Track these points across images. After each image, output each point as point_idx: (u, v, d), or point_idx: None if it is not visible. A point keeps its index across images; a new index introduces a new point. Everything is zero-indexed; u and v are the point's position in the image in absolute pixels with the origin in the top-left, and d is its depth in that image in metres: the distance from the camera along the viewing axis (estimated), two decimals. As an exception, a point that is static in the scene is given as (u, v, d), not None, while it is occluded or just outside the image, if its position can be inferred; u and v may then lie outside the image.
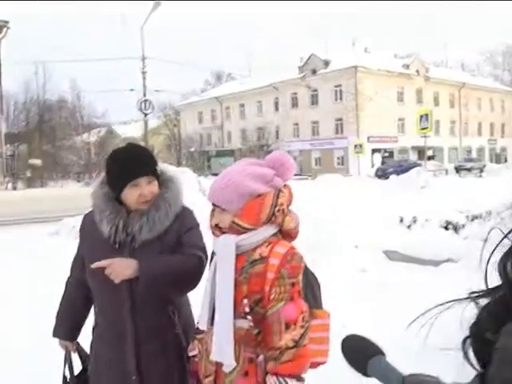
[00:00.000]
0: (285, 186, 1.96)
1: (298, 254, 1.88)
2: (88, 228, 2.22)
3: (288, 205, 1.95)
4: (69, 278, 2.36)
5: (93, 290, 2.20)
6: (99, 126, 50.85)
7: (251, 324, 1.86)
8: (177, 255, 2.07)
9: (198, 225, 2.22)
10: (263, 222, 1.88)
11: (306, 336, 1.82)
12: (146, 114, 24.63)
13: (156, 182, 2.15)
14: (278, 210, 1.90)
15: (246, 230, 1.87)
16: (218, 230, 1.94)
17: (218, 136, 61.26)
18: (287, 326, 1.81)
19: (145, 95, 25.28)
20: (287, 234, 1.95)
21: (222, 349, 1.84)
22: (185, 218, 2.19)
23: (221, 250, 1.89)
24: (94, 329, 2.26)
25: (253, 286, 1.85)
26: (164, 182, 2.19)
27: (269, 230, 1.90)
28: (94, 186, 2.20)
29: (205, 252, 2.12)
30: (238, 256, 1.86)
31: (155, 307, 2.10)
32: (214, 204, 1.93)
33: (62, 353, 2.38)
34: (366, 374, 1.20)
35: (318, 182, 22.35)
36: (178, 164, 47.60)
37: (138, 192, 2.09)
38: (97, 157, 44.24)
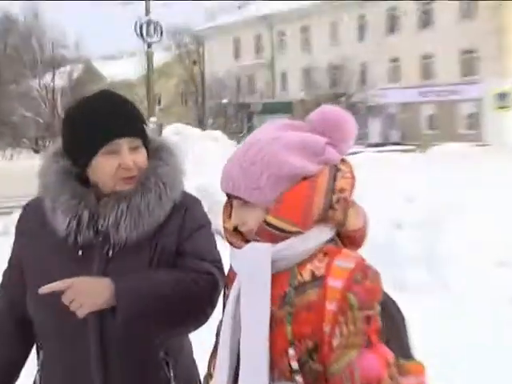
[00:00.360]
0: (342, 161, 1.99)
1: (372, 270, 1.87)
2: (32, 224, 2.28)
3: (351, 192, 1.97)
4: None
5: (38, 324, 2.24)
6: (71, 63, 51.74)
7: None
8: (174, 272, 2.15)
9: (208, 223, 2.33)
10: (314, 220, 1.88)
11: None
12: (149, 45, 24.83)
13: (144, 151, 2.20)
14: (338, 201, 1.91)
15: (286, 235, 1.88)
16: (236, 236, 1.99)
17: (267, 79, 61.44)
18: None
19: (148, 13, 25.11)
20: (349, 239, 2.00)
21: None
22: (188, 211, 2.27)
23: (247, 269, 1.91)
24: None
25: (302, 327, 1.85)
26: (156, 152, 2.26)
27: (323, 234, 1.92)
28: (44, 160, 2.26)
29: (219, 267, 2.23)
30: (274, 277, 1.88)
31: (138, 354, 2.15)
32: (229, 195, 1.97)
33: None
34: None
35: (432, 157, 22.96)
36: (201, 124, 46.69)
37: (117, 162, 2.11)
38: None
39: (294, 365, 1.87)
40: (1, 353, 2.35)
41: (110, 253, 2.14)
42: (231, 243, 2.00)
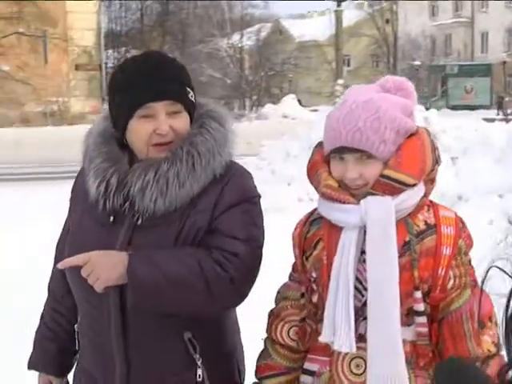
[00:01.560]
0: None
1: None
2: (78, 189, 2.32)
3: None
4: (53, 273, 2.45)
5: (71, 287, 2.28)
6: (260, 22, 52.35)
7: (421, 331, 2.06)
8: (198, 252, 2.10)
9: (253, 197, 2.25)
10: (427, 173, 2.10)
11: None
12: (339, 2, 25.27)
13: (186, 116, 2.17)
14: (439, 156, 2.14)
15: (402, 188, 2.04)
16: (341, 191, 2.08)
17: (464, 40, 59.48)
18: (482, 324, 2.01)
19: None
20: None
21: (386, 376, 1.99)
22: (229, 184, 2.19)
23: (376, 219, 2.03)
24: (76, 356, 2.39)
25: (423, 271, 2.04)
26: (199, 118, 2.22)
27: (422, 188, 2.11)
28: (93, 123, 2.33)
29: (254, 245, 2.16)
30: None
31: (159, 328, 2.13)
32: (343, 149, 2.07)
33: None
34: None
35: None
36: None
37: (152, 126, 2.10)
38: (254, 72, 44.60)
39: (420, 307, 2.04)
40: (66, 315, 2.40)
41: (139, 221, 2.13)
42: (334, 199, 2.07)
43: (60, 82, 30.63)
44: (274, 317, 2.33)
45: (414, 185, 2.05)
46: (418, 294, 2.03)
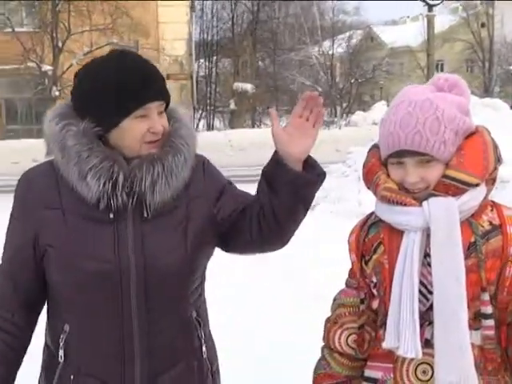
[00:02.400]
0: None
1: None
2: (43, 195, 2.23)
3: None
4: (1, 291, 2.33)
5: (64, 294, 2.23)
6: (351, 29, 51.91)
7: (489, 334, 2.03)
8: None
9: (227, 179, 2.44)
10: (489, 172, 2.07)
11: None
12: (431, 7, 24.33)
13: (165, 114, 2.26)
14: (500, 155, 2.11)
15: (464, 188, 2.02)
16: (403, 194, 2.07)
17: None
18: None
19: None
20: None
21: (458, 379, 1.96)
22: (208, 169, 2.39)
23: (441, 220, 2.01)
24: (59, 370, 2.26)
25: (490, 273, 2.02)
26: (171, 113, 2.31)
27: (484, 187, 2.09)
28: (47, 126, 2.23)
29: None
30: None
31: (176, 312, 2.25)
32: (402, 153, 2.06)
33: None
34: None
35: None
36: (486, 92, 44.17)
37: (146, 125, 2.17)
38: (345, 80, 44.43)
39: (488, 309, 2.01)
40: (12, 331, 2.28)
41: (147, 214, 2.18)
42: (395, 201, 2.06)
43: (152, 91, 31.24)
44: (331, 324, 2.34)
45: (477, 185, 2.03)
46: (486, 297, 2.01)
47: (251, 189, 2.37)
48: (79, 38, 28.21)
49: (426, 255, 2.05)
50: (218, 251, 2.43)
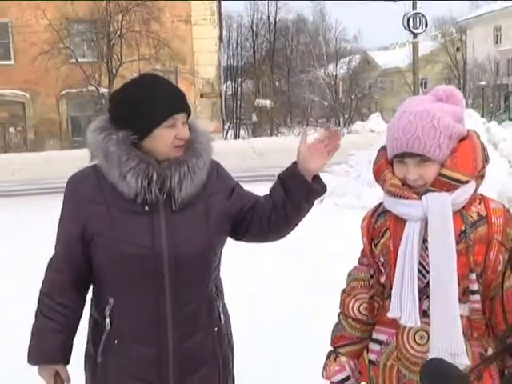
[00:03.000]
0: None
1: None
2: (89, 192, 2.23)
3: None
4: (54, 271, 2.32)
5: (112, 276, 2.23)
6: (351, 54, 51.54)
7: (476, 307, 2.04)
8: None
9: (235, 181, 2.42)
10: (478, 170, 2.06)
11: None
12: (415, 35, 24.87)
13: (187, 125, 2.27)
14: (487, 155, 2.10)
15: (457, 185, 2.02)
16: (405, 189, 2.07)
17: None
18: None
19: (415, 7, 25.06)
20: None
21: (446, 346, 1.97)
22: (220, 172, 2.37)
23: (436, 212, 2.01)
24: (105, 336, 2.26)
25: (477, 256, 2.02)
26: (191, 124, 2.30)
27: (474, 184, 2.07)
28: (91, 136, 2.24)
29: None
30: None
31: (200, 288, 2.25)
32: (404, 154, 2.05)
33: None
34: None
35: None
36: None
37: (174, 133, 2.18)
38: (346, 96, 44.04)
39: (474, 286, 2.02)
40: (70, 306, 2.30)
41: (175, 207, 2.18)
42: (399, 195, 2.06)
43: (189, 107, 31.19)
44: (346, 295, 2.33)
45: (467, 181, 2.03)
46: (473, 276, 2.02)
47: (268, 186, 2.36)
48: (129, 66, 28.10)
49: (425, 240, 2.05)
50: (232, 244, 2.43)
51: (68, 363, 2.32)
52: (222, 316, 2.33)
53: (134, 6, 28.08)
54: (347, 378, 2.28)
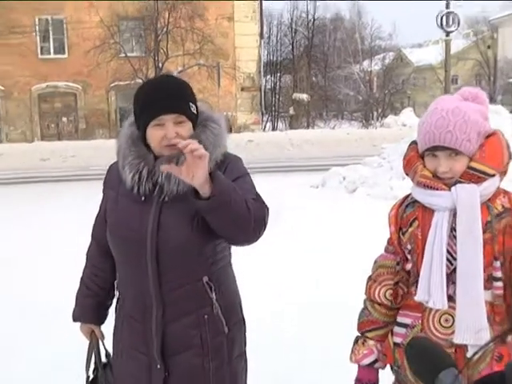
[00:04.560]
0: None
1: None
2: (113, 179, 2.38)
3: None
4: (90, 244, 2.55)
5: (113, 251, 2.35)
6: (385, 51, 50.86)
7: (498, 293, 2.05)
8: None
9: (247, 174, 2.33)
10: (504, 165, 2.08)
11: None
12: (448, 33, 24.34)
13: (189, 124, 2.23)
14: (511, 152, 2.12)
15: (484, 177, 2.04)
16: (436, 180, 2.08)
17: None
18: None
19: (448, 6, 24.25)
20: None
21: (471, 329, 1.98)
22: (229, 166, 2.28)
23: (466, 202, 2.02)
24: (116, 305, 2.45)
25: (500, 246, 2.03)
26: (203, 122, 2.28)
27: (499, 177, 2.09)
28: (122, 128, 2.36)
29: (264, 202, 2.21)
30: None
31: (185, 275, 2.23)
32: (436, 148, 2.07)
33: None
34: None
35: None
36: (492, 101, 42.14)
37: (162, 133, 2.18)
38: (380, 91, 43.64)
39: (498, 274, 2.03)
40: (103, 276, 2.47)
41: (166, 199, 2.20)
42: (430, 186, 2.07)
43: (229, 100, 31.15)
44: (372, 281, 2.33)
45: (493, 175, 2.05)
46: (497, 264, 2.04)
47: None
48: (175, 60, 28.32)
49: (452, 229, 2.06)
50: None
51: (102, 323, 2.51)
52: (215, 305, 2.26)
53: (180, 4, 28.03)
54: (375, 361, 2.29)
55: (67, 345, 4.10)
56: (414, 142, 2.20)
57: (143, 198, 2.23)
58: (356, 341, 2.35)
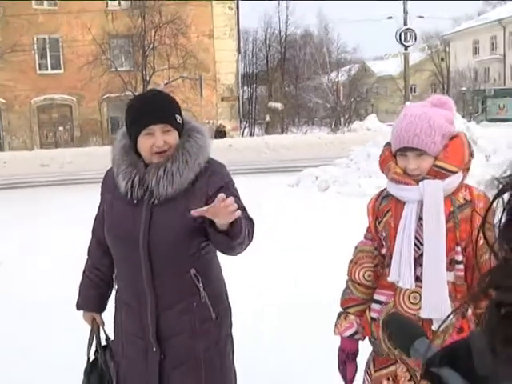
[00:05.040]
0: None
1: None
2: (109, 184, 2.40)
3: None
4: (91, 241, 2.57)
5: (111, 249, 2.38)
6: (350, 63, 51.04)
7: (460, 275, 2.12)
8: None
9: (231, 182, 2.32)
10: (465, 163, 2.14)
11: None
12: (406, 47, 24.85)
13: (175, 133, 2.25)
14: (472, 151, 2.19)
15: (447, 174, 2.10)
16: (406, 176, 2.13)
17: (499, 70, 55.86)
18: None
19: (405, 23, 24.98)
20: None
21: (435, 305, 2.05)
22: (213, 173, 2.28)
23: (431, 195, 2.08)
24: (115, 295, 2.48)
25: (462, 233, 2.10)
26: (187, 132, 2.30)
27: (461, 174, 2.14)
28: (115, 139, 2.38)
29: (250, 216, 2.24)
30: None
31: (174, 268, 2.25)
32: (406, 149, 2.13)
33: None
34: (408, 354, 1.36)
35: None
36: None
37: (151, 142, 2.21)
38: (346, 99, 43.80)
39: (459, 257, 2.10)
40: (103, 270, 2.49)
41: (156, 202, 2.22)
42: (401, 182, 2.14)
43: (211, 109, 31.01)
44: (353, 264, 2.40)
45: (456, 172, 2.11)
46: (459, 249, 2.11)
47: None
48: (161, 74, 28.17)
49: (420, 219, 2.13)
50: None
51: (102, 311, 2.54)
52: (202, 294, 2.28)
53: (165, 23, 28.02)
54: (355, 333, 2.35)
55: (67, 345, 3.97)
56: (389, 144, 2.27)
57: (135, 202, 2.25)
58: (339, 316, 2.40)
